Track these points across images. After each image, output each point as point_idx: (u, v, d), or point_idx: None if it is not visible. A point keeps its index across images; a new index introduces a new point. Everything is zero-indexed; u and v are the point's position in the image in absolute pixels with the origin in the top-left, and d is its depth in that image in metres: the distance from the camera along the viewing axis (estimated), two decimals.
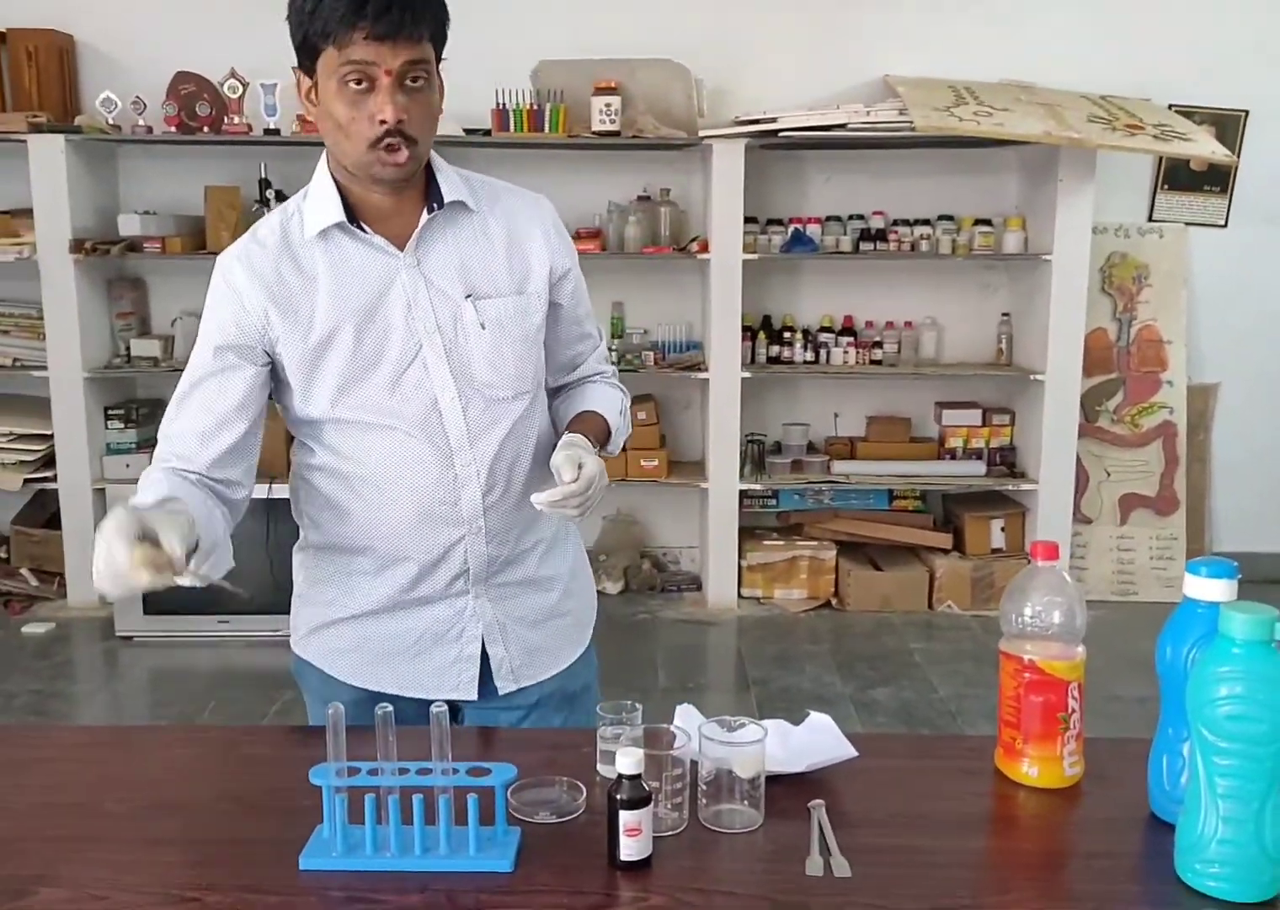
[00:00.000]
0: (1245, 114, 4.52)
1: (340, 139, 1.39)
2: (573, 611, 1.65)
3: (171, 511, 1.27)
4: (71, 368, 4.23)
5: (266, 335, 1.45)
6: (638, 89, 4.26)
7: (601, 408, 1.60)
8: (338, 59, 1.34)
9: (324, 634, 1.58)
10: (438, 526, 1.49)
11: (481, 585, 1.53)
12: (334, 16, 1.32)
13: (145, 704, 3.67)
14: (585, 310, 1.64)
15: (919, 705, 3.61)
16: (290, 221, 1.48)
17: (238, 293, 1.45)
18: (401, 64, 1.34)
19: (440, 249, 1.48)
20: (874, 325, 4.62)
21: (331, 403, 1.46)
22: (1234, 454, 4.75)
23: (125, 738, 1.53)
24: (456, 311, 1.47)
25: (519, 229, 1.53)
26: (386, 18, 1.31)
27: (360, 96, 1.35)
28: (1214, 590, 1.17)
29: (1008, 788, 1.30)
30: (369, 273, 1.45)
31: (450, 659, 1.54)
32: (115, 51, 4.42)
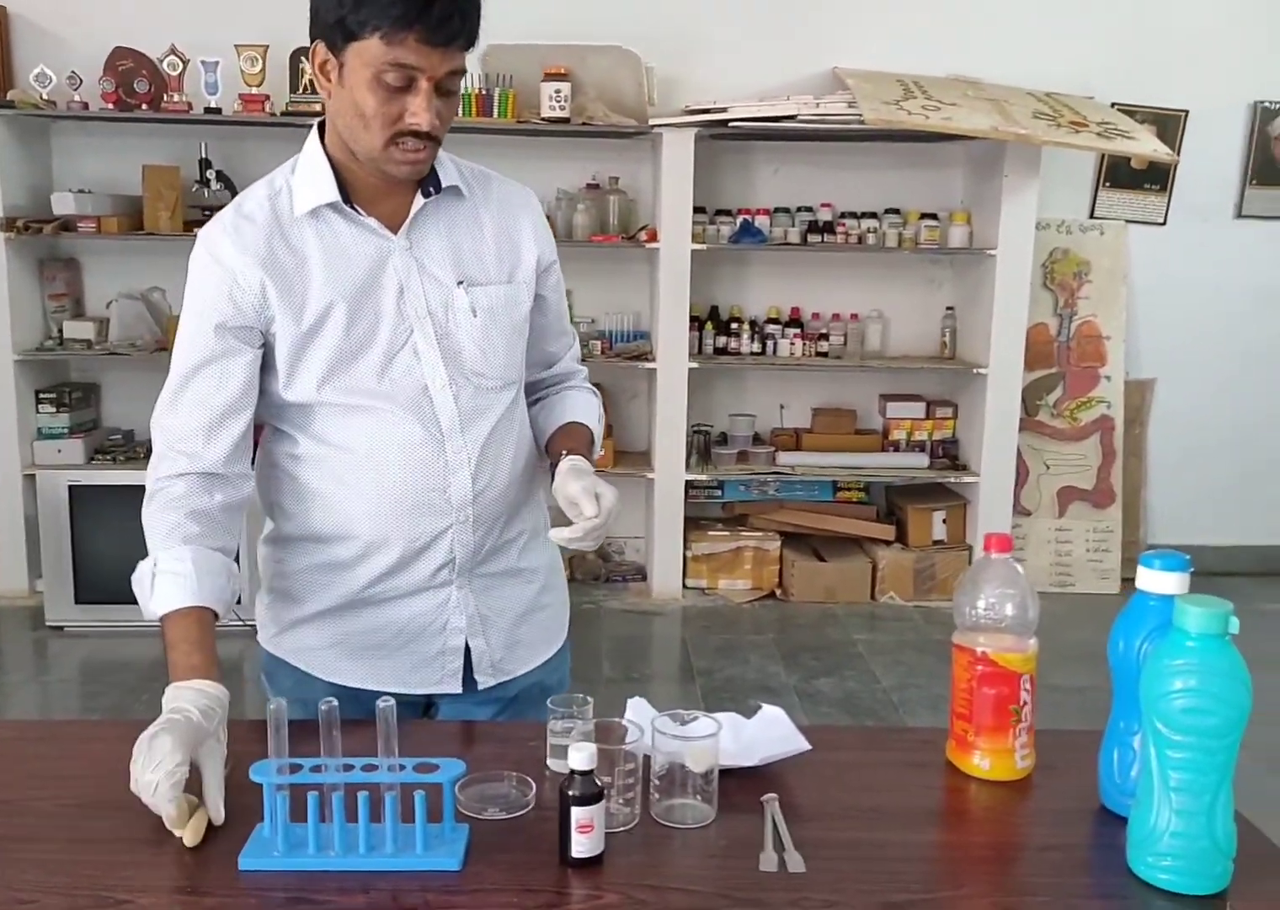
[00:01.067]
0: (1185, 114, 4.59)
1: (359, 128, 1.35)
2: (551, 606, 1.62)
3: (216, 739, 1.22)
4: (1, 350, 4.11)
5: (264, 313, 1.40)
6: (588, 75, 4.22)
7: (584, 417, 1.59)
8: (382, 54, 1.29)
9: (299, 630, 1.52)
10: (426, 514, 1.45)
11: (465, 576, 1.49)
12: (390, 12, 1.27)
13: (76, 696, 3.58)
14: (564, 307, 1.64)
15: (862, 695, 3.63)
16: (279, 197, 1.43)
17: (229, 269, 1.39)
18: (446, 71, 1.32)
19: (433, 234, 1.45)
20: (820, 317, 4.63)
21: (318, 386, 1.41)
22: (1169, 448, 4.83)
23: (54, 732, 1.48)
24: (448, 297, 1.44)
25: (509, 218, 1.51)
26: (447, 25, 1.28)
27: (395, 94, 1.31)
28: (1167, 583, 1.17)
29: (959, 780, 1.29)
30: (361, 254, 1.42)
31: (433, 652, 1.51)
32: (51, 24, 4.29)
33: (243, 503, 1.45)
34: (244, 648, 3.82)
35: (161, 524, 1.38)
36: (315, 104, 4.08)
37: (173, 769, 1.14)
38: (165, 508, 1.39)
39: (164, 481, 1.41)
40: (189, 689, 1.25)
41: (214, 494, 1.41)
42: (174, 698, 1.25)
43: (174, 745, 1.16)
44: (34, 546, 4.13)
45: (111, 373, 4.54)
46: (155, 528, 1.39)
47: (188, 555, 1.35)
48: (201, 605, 1.34)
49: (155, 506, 1.40)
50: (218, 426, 1.41)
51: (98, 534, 3.97)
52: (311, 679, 1.52)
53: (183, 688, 1.26)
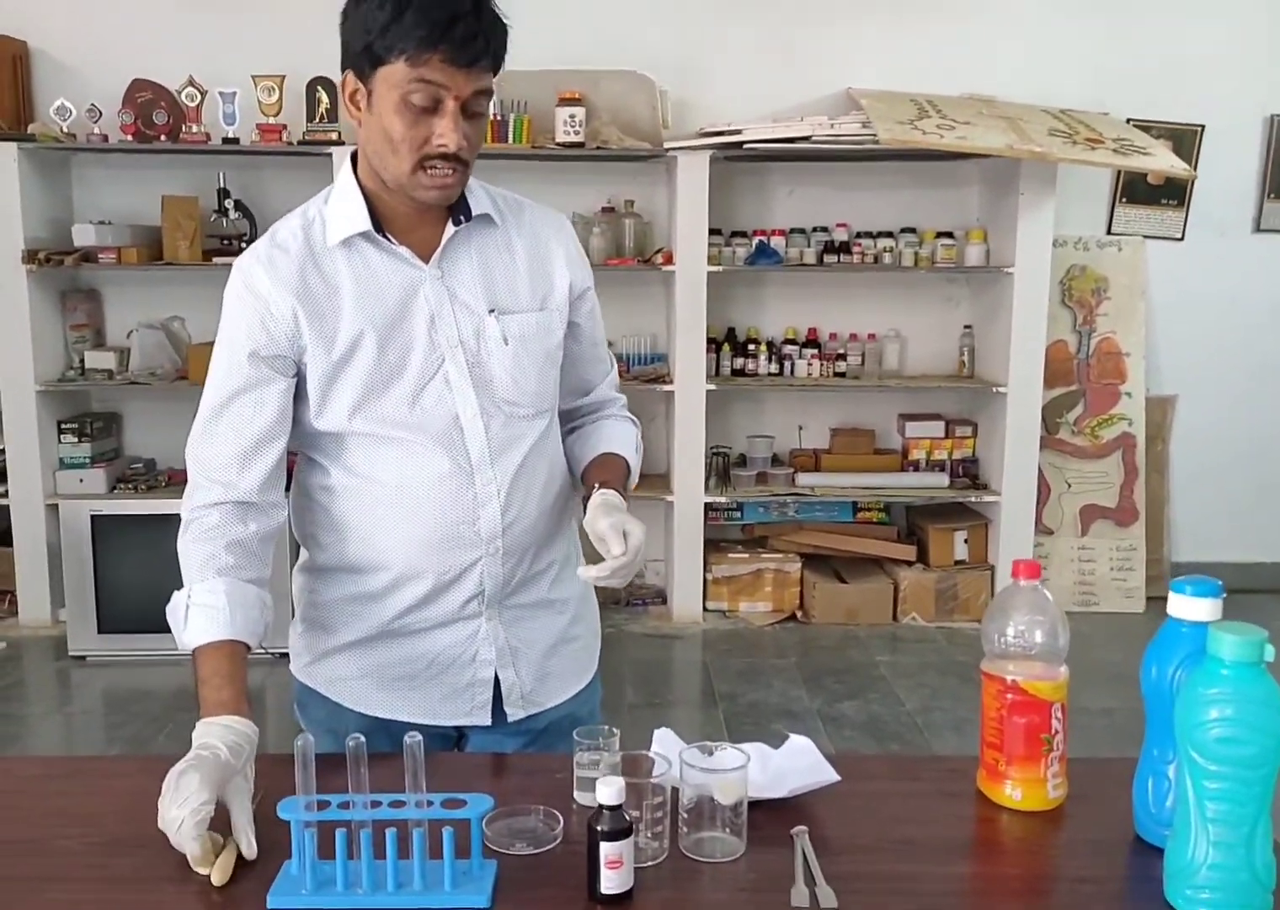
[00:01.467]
0: (1201, 128, 4.57)
1: (387, 153, 1.35)
2: (582, 637, 1.61)
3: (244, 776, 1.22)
4: (24, 380, 4.14)
5: (297, 343, 1.40)
6: (602, 100, 4.24)
7: (620, 448, 1.58)
8: (408, 75, 1.30)
9: (331, 660, 1.53)
10: (455, 547, 1.44)
11: (495, 607, 1.49)
12: (414, 34, 1.28)
13: (99, 727, 3.58)
14: (601, 334, 1.63)
15: (886, 719, 3.60)
16: (312, 227, 1.44)
17: (263, 298, 1.40)
18: (471, 92, 1.33)
19: (465, 262, 1.45)
20: (837, 337, 4.62)
21: (349, 416, 1.41)
22: (1192, 465, 4.79)
23: (78, 768, 1.48)
24: (480, 326, 1.44)
25: (541, 245, 1.51)
26: (471, 45, 1.29)
27: (422, 116, 1.32)
28: (1199, 610, 1.16)
29: (991, 811, 1.28)
30: (393, 283, 1.42)
31: (463, 683, 1.50)
32: (71, 58, 4.34)
33: (275, 532, 1.46)
34: (266, 676, 3.83)
35: (197, 555, 1.40)
36: (332, 133, 4.12)
37: (198, 807, 1.14)
38: (200, 538, 1.40)
39: (199, 511, 1.42)
40: (217, 725, 1.25)
41: (248, 523, 1.41)
42: (203, 734, 1.24)
43: (200, 783, 1.15)
44: (56, 576, 4.15)
45: (132, 402, 4.57)
46: (190, 558, 1.40)
47: (221, 588, 1.36)
48: (234, 638, 1.34)
49: (190, 536, 1.41)
50: (252, 455, 1.41)
51: (120, 563, 3.99)
52: (342, 710, 1.52)
53: (211, 724, 1.26)
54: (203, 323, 4.40)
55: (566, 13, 4.28)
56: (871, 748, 3.38)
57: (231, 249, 4.18)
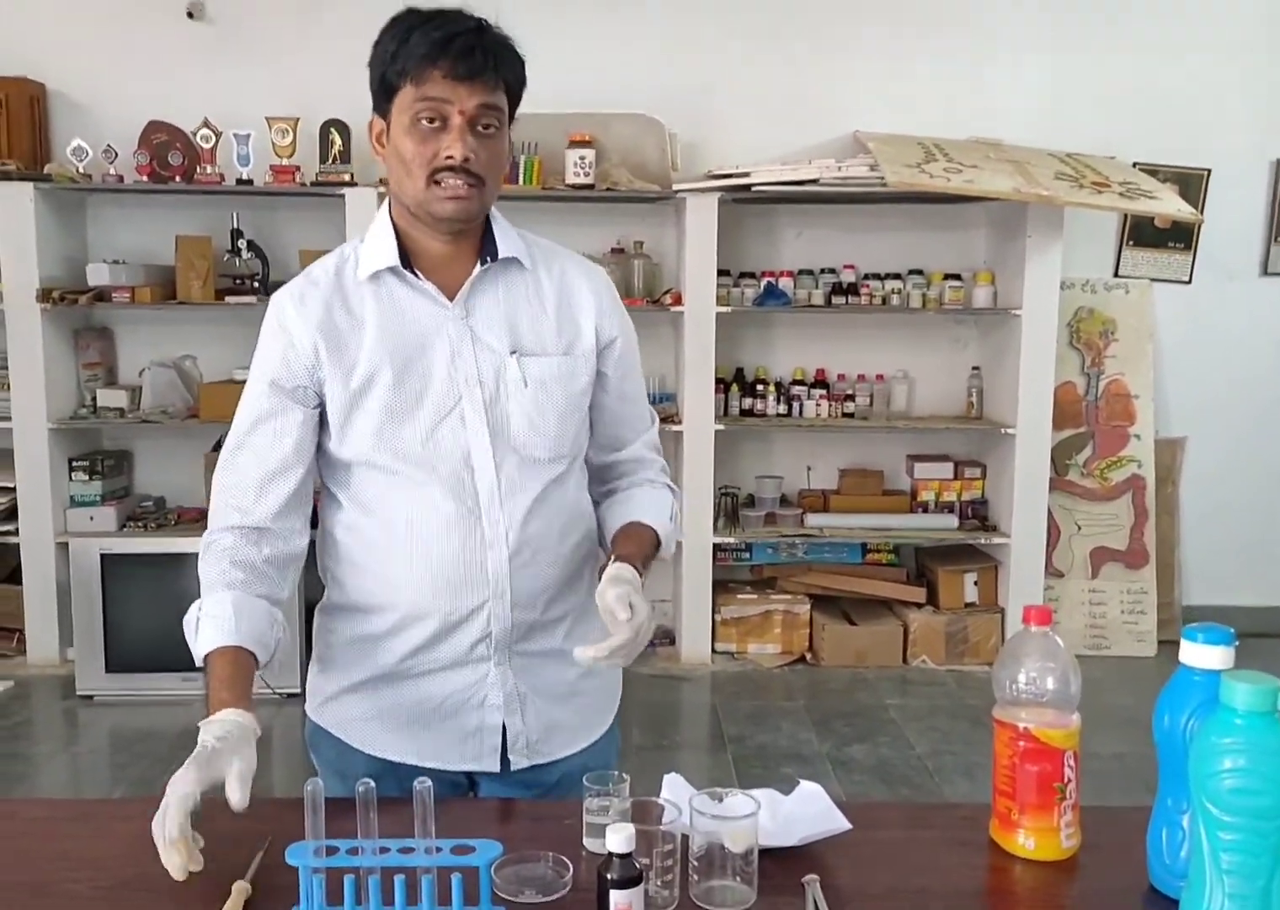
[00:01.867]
0: (1208, 172, 4.61)
1: (403, 176, 1.40)
2: (593, 692, 1.58)
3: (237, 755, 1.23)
4: (36, 418, 4.16)
5: (316, 374, 1.43)
6: (612, 142, 4.29)
7: (652, 518, 1.54)
8: (413, 96, 1.36)
9: (341, 701, 1.53)
10: (462, 588, 1.44)
11: (504, 652, 1.48)
12: (416, 53, 1.34)
13: (106, 766, 3.56)
14: (635, 389, 1.60)
15: (896, 763, 3.57)
16: (345, 263, 1.48)
17: (287, 331, 1.44)
18: (476, 106, 1.36)
19: (490, 303, 1.47)
20: (846, 378, 4.63)
21: (369, 446, 1.43)
22: (1202, 507, 4.78)
23: (85, 811, 1.47)
24: (500, 366, 1.45)
25: (571, 292, 1.52)
26: (469, 59, 1.34)
27: (431, 134, 1.36)
28: (1211, 658, 1.15)
29: (1004, 860, 1.26)
30: (416, 319, 1.44)
31: (471, 728, 1.49)
32: (88, 100, 4.40)
33: (293, 558, 1.48)
34: (274, 716, 3.82)
35: (209, 572, 1.43)
36: (344, 174, 4.17)
37: (185, 794, 1.16)
38: (214, 558, 1.43)
39: (215, 534, 1.45)
40: (212, 723, 1.27)
41: (261, 548, 1.44)
42: (201, 735, 1.26)
43: (185, 773, 1.19)
44: (65, 615, 4.15)
45: (143, 440, 4.59)
46: (204, 576, 1.43)
47: (228, 599, 1.39)
48: (238, 645, 1.36)
49: (206, 557, 1.44)
50: (268, 483, 1.44)
51: (129, 602, 3.99)
52: (351, 751, 1.52)
53: (208, 724, 1.28)
54: (214, 361, 4.43)
55: (577, 56, 4.33)
56: (882, 792, 3.36)
57: (244, 288, 4.21)
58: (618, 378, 1.56)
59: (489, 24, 1.40)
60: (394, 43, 1.37)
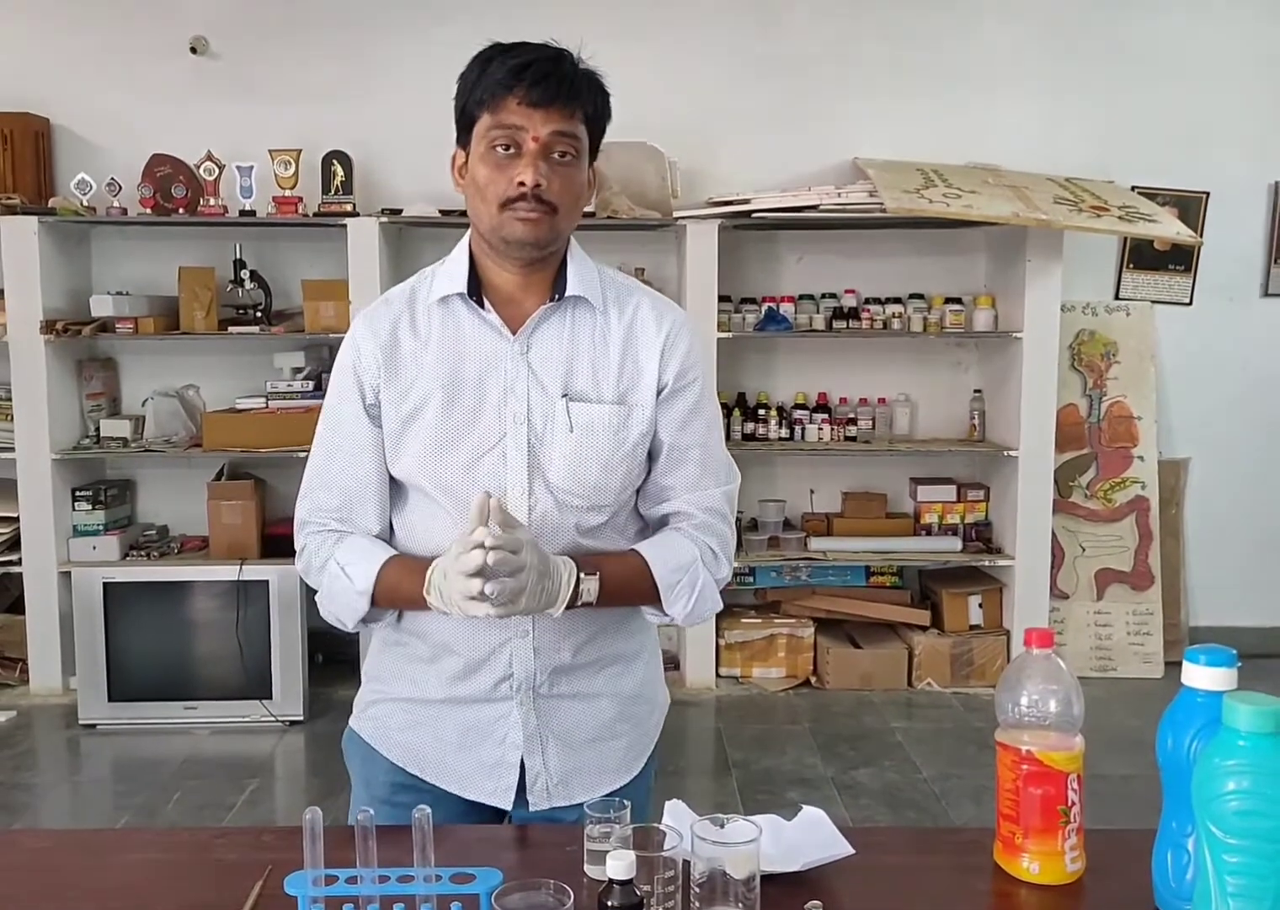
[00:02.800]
0: (1206, 195, 4.62)
1: (478, 204, 1.40)
2: (626, 735, 1.54)
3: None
4: (39, 449, 4.17)
5: (376, 391, 1.46)
6: (613, 171, 4.31)
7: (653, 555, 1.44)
8: (490, 124, 1.37)
9: (379, 708, 1.56)
10: (482, 626, 1.44)
11: (528, 693, 1.47)
12: (493, 81, 1.35)
13: (109, 795, 3.55)
14: (695, 442, 1.48)
15: (903, 787, 3.55)
16: (421, 283, 1.50)
17: (358, 349, 1.47)
18: (550, 133, 1.36)
19: (553, 342, 1.45)
20: (848, 402, 4.64)
21: (414, 469, 1.45)
22: (1207, 528, 4.77)
23: (89, 842, 1.46)
24: (550, 408, 1.43)
25: (640, 336, 1.46)
26: (543, 85, 1.35)
27: (506, 161, 1.37)
28: (1214, 679, 1.15)
29: (1008, 884, 1.26)
30: (477, 348, 1.45)
31: (492, 761, 1.49)
32: (91, 134, 4.44)
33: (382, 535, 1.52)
34: (276, 744, 3.81)
35: (320, 550, 1.48)
36: (346, 204, 4.19)
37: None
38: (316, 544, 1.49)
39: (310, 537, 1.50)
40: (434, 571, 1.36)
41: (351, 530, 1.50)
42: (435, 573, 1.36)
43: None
44: (68, 644, 4.14)
45: (146, 469, 4.60)
46: (315, 556, 1.48)
47: (349, 544, 1.46)
48: (385, 558, 1.44)
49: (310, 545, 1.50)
50: (362, 499, 1.48)
51: (131, 631, 3.99)
52: (377, 758, 1.54)
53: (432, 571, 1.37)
54: (217, 391, 4.44)
55: None
56: (888, 816, 3.34)
57: (247, 318, 4.23)
58: (674, 429, 1.47)
59: (570, 53, 1.40)
60: (475, 73, 1.39)
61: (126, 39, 4.42)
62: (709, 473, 1.50)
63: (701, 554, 1.47)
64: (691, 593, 1.45)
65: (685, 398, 1.47)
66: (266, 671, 3.93)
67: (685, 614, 1.46)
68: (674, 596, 1.45)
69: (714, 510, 1.50)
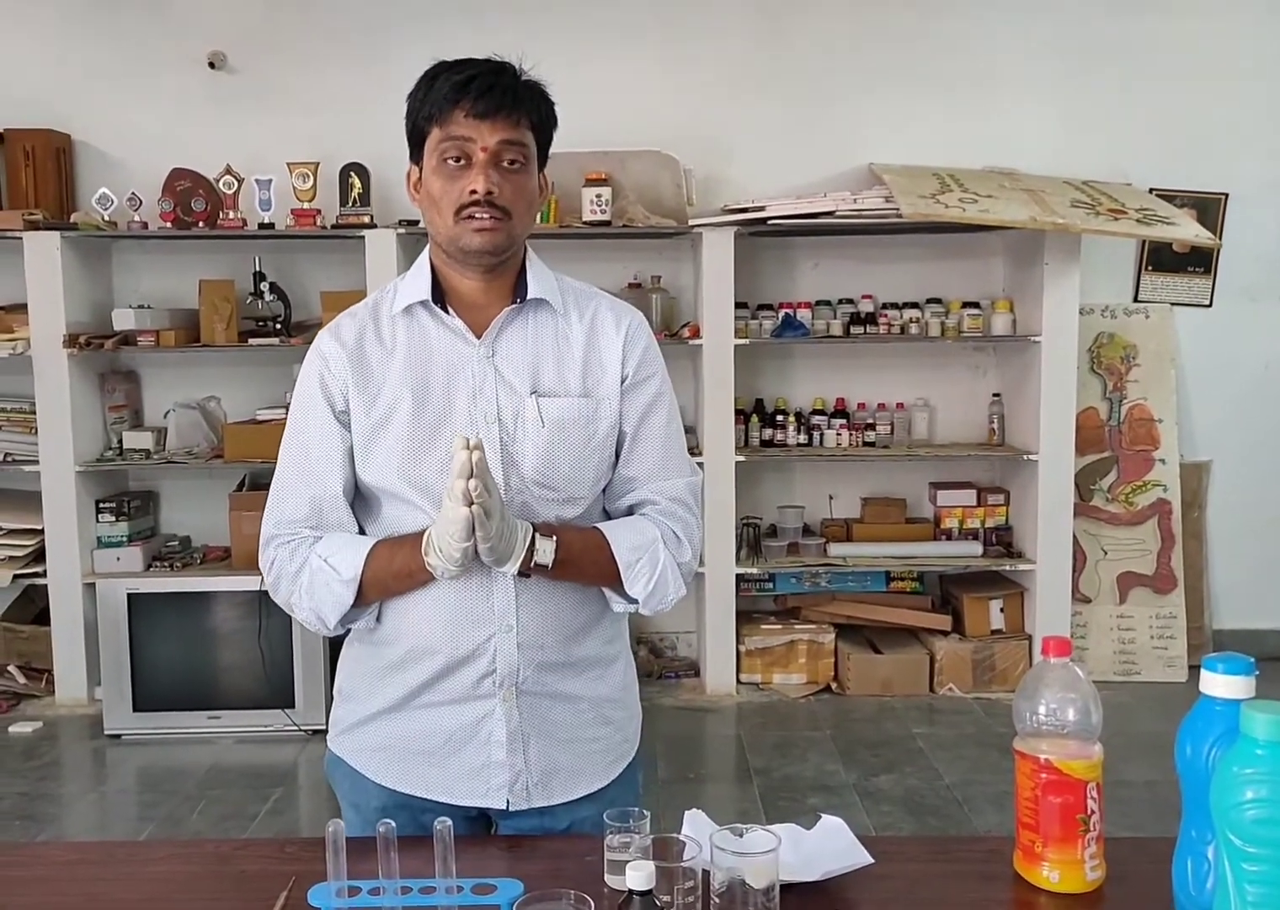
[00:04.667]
0: (1225, 197, 4.60)
1: (434, 215, 1.45)
2: (602, 739, 1.56)
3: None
4: (63, 461, 4.21)
5: (346, 398, 1.48)
6: (628, 179, 4.33)
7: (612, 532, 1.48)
8: (440, 138, 1.42)
9: (358, 731, 1.55)
10: (468, 623, 1.46)
11: (510, 689, 1.48)
12: (439, 96, 1.40)
13: (133, 805, 3.58)
14: (656, 434, 1.53)
15: (925, 793, 3.54)
16: (384, 296, 1.54)
17: (325, 358, 1.50)
18: (498, 142, 1.41)
19: (516, 343, 1.50)
20: (866, 407, 4.64)
21: (385, 475, 1.47)
22: (1229, 530, 4.74)
23: (112, 855, 1.48)
24: (520, 406, 1.47)
25: (600, 335, 1.53)
26: (488, 97, 1.39)
27: (457, 172, 1.42)
28: (1232, 687, 1.15)
29: (1028, 893, 1.26)
30: (443, 355, 1.48)
31: (479, 764, 1.50)
32: (112, 149, 4.48)
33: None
34: (299, 753, 3.83)
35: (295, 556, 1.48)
36: (364, 216, 4.22)
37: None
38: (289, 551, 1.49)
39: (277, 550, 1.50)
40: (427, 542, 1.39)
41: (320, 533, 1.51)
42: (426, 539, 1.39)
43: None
44: (93, 655, 4.17)
45: (169, 480, 4.64)
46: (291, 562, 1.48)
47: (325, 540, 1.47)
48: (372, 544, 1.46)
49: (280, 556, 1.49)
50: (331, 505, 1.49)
51: (156, 641, 4.02)
52: (365, 782, 1.53)
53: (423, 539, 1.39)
54: (238, 402, 4.47)
55: (592, 95, 4.37)
56: (910, 823, 3.33)
57: (267, 330, 4.26)
58: (635, 417, 1.52)
59: (512, 66, 1.45)
60: (422, 91, 1.44)
61: (145, 54, 4.47)
62: (671, 464, 1.54)
63: (663, 535, 1.49)
64: (652, 573, 1.47)
65: (645, 390, 1.53)
66: (289, 681, 3.95)
67: (646, 594, 1.47)
68: (634, 575, 1.46)
69: (678, 499, 1.53)
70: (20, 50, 4.46)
